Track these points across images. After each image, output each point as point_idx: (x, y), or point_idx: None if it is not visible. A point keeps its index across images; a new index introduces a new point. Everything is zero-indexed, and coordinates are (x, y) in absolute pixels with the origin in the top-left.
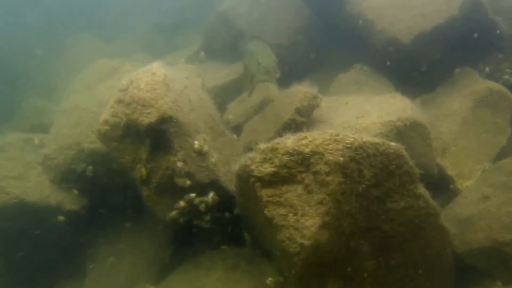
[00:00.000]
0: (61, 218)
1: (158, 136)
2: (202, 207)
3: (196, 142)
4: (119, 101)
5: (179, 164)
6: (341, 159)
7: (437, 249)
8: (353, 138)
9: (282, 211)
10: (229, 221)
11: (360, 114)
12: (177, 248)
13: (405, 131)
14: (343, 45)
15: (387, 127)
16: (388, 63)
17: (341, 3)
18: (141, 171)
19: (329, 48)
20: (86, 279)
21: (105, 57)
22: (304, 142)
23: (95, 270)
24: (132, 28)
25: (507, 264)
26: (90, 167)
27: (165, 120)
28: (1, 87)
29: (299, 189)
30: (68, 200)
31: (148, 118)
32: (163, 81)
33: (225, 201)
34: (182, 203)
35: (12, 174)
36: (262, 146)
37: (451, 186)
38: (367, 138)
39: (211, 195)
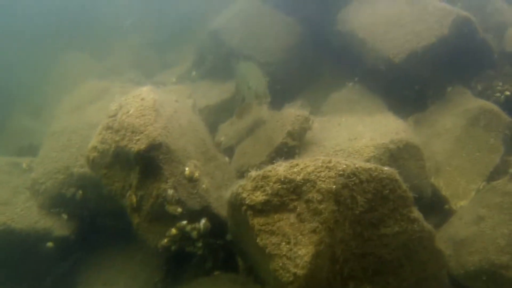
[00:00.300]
0: (49, 244)
1: (148, 163)
2: (194, 234)
3: (186, 169)
4: (108, 127)
5: (170, 191)
6: (334, 186)
7: (433, 271)
8: (346, 164)
9: (274, 240)
10: (221, 247)
11: (353, 135)
12: (169, 273)
13: (398, 154)
14: (335, 63)
15: (380, 150)
16: (381, 82)
17: (332, 21)
18: (131, 198)
19: (321, 66)
20: None
21: (95, 75)
22: (296, 169)
23: None
24: (122, 45)
25: (503, 287)
26: (80, 192)
27: (155, 147)
28: None
29: (292, 217)
30: (57, 226)
31: (137, 145)
32: (153, 106)
33: (217, 227)
34: (173, 231)
35: None
36: (253, 173)
37: (446, 206)
38: (360, 164)
39: (203, 222)
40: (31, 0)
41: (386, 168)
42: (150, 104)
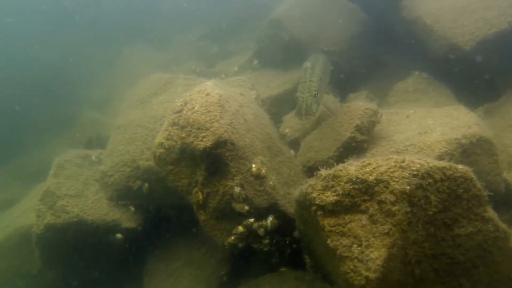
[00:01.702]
0: (118, 235)
1: (214, 160)
2: (261, 231)
3: (253, 165)
4: (174, 124)
5: (237, 189)
6: (408, 187)
7: (507, 273)
8: (420, 164)
9: (345, 241)
10: (288, 244)
11: (423, 129)
12: (235, 266)
13: (471, 149)
14: (400, 51)
15: (452, 145)
16: (449, 70)
17: (398, 8)
18: (198, 195)
19: (385, 54)
20: None
21: (158, 66)
22: (368, 169)
23: (152, 287)
24: (184, 35)
25: None
26: (146, 185)
27: (221, 144)
28: (58, 98)
29: (363, 218)
30: (125, 218)
31: (203, 142)
32: (218, 102)
33: (285, 224)
34: (240, 229)
35: (71, 192)
36: (323, 172)
37: None
38: (434, 162)
39: (270, 219)
40: None
41: (460, 167)
42: (215, 99)
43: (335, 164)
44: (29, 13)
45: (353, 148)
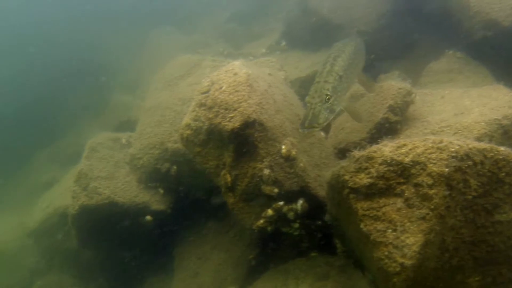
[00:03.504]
0: (148, 218)
1: (243, 141)
2: (291, 215)
3: (283, 147)
4: (201, 105)
5: (266, 171)
6: (446, 170)
7: None
8: (459, 145)
9: (380, 226)
10: (319, 228)
11: (459, 110)
12: (264, 250)
13: None
14: (433, 29)
15: (492, 126)
16: (486, 49)
17: None
18: (226, 177)
19: (417, 33)
20: (174, 279)
21: (186, 49)
22: (403, 150)
23: (182, 269)
24: (210, 18)
25: None
26: (174, 167)
27: (250, 125)
28: (90, 83)
29: (399, 202)
30: (155, 200)
31: (231, 122)
32: (246, 81)
33: (315, 207)
34: (270, 212)
35: (103, 174)
36: (356, 153)
37: None
38: (474, 144)
39: (300, 202)
40: None
41: (502, 148)
42: (243, 79)
43: (368, 146)
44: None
45: (386, 129)
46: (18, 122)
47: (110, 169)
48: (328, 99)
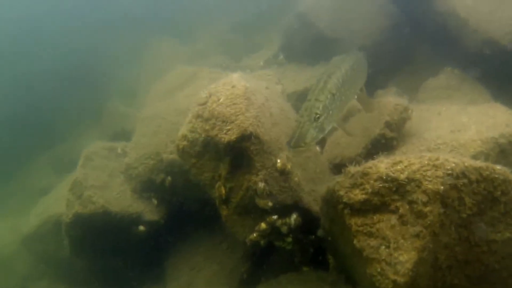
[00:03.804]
0: (141, 228)
1: (239, 154)
2: (284, 229)
3: (278, 161)
4: (198, 116)
5: (261, 184)
6: (442, 187)
7: None
8: (455, 163)
9: (373, 242)
10: (311, 243)
11: (456, 127)
12: (256, 262)
13: (509, 149)
14: (431, 46)
15: (489, 145)
16: (484, 67)
17: (428, 0)
18: (220, 190)
19: (415, 49)
20: None
21: (184, 59)
22: (399, 167)
23: (173, 280)
24: (209, 28)
25: None
26: (169, 178)
27: (246, 138)
28: (88, 91)
29: (393, 219)
30: (148, 210)
31: (228, 135)
32: (244, 94)
33: (309, 222)
34: (263, 225)
35: (97, 183)
36: (352, 169)
37: None
38: (470, 162)
39: (294, 217)
40: None
41: (498, 167)
42: (241, 92)
43: (363, 161)
44: (61, 6)
45: (382, 145)
46: (17, 126)
47: (104, 178)
48: (318, 118)
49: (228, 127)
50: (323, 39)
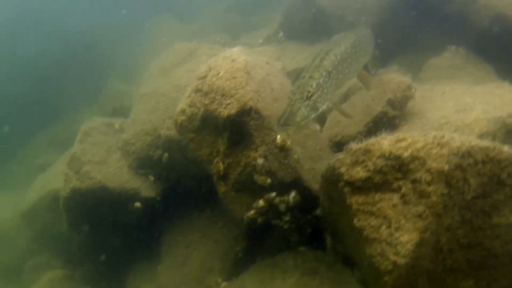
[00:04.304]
0: (137, 204)
1: (238, 129)
2: (282, 207)
3: (278, 137)
4: (197, 90)
5: (260, 160)
6: (446, 166)
7: None
8: (461, 142)
9: (374, 222)
10: (309, 222)
11: (461, 107)
12: (252, 242)
13: None
14: (434, 24)
15: (495, 125)
16: (491, 45)
17: None
18: (219, 165)
19: (418, 27)
20: (160, 265)
21: (183, 38)
22: (403, 144)
23: (168, 257)
24: (208, 7)
25: None
26: (166, 154)
27: (246, 112)
28: (88, 70)
29: (395, 198)
30: (145, 187)
31: (227, 109)
32: (244, 68)
33: (307, 200)
34: (261, 203)
35: (95, 159)
36: (353, 146)
37: None
38: (476, 141)
39: (292, 194)
40: None
41: (506, 148)
42: (241, 66)
43: (364, 140)
44: None
45: (384, 123)
46: (17, 104)
47: (102, 154)
48: (310, 96)
49: (228, 101)
50: (324, 17)
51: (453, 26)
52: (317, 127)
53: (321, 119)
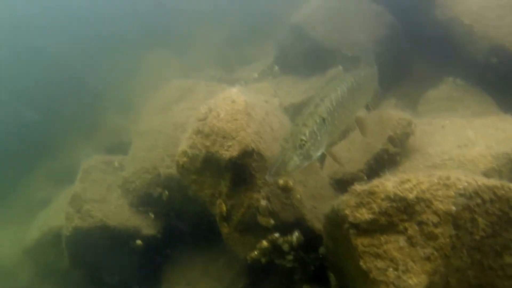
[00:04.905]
0: (138, 242)
1: (240, 170)
2: (285, 247)
3: None
4: (198, 132)
5: (263, 202)
6: (453, 208)
7: None
8: (467, 182)
9: (380, 264)
10: (313, 260)
11: (462, 142)
12: (254, 279)
13: None
14: (431, 55)
15: (501, 160)
16: (489, 76)
17: (430, 7)
18: (221, 207)
19: (415, 59)
20: None
21: (179, 72)
22: (407, 186)
23: None
24: (203, 40)
25: None
26: (166, 192)
27: (248, 154)
28: (84, 104)
29: (401, 240)
30: (145, 224)
31: (229, 151)
32: (244, 109)
33: (310, 239)
34: (264, 243)
35: (96, 197)
36: (358, 188)
37: None
38: (483, 180)
39: (295, 234)
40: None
41: None
42: (241, 107)
43: (365, 177)
44: (58, 21)
45: (385, 161)
46: (15, 138)
47: (102, 192)
48: (303, 145)
49: (229, 143)
50: (319, 50)
51: (450, 57)
52: (318, 164)
53: (321, 157)
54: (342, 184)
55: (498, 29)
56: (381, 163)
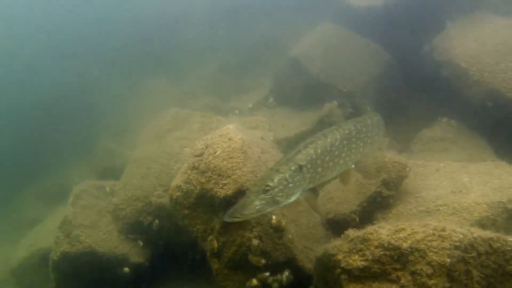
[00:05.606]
0: (126, 269)
1: None
2: (275, 286)
3: (274, 217)
4: (193, 168)
5: (255, 241)
6: (448, 260)
7: None
8: (462, 234)
9: None
10: None
11: (457, 188)
12: None
13: None
14: (426, 95)
15: (496, 210)
16: (484, 119)
17: (425, 49)
18: (213, 243)
19: (409, 98)
20: None
21: (174, 99)
22: (401, 235)
23: None
24: (200, 68)
25: None
26: (156, 221)
27: (242, 193)
28: (77, 126)
29: None
30: (134, 252)
31: (224, 189)
32: (241, 148)
33: (300, 279)
34: (254, 282)
35: (86, 222)
36: (351, 233)
37: None
38: (479, 232)
39: (286, 274)
40: (113, 27)
41: (510, 238)
42: (238, 145)
43: (357, 219)
44: (54, 43)
45: (378, 203)
46: (7, 158)
47: (93, 217)
48: (267, 190)
49: (225, 182)
50: (315, 84)
51: (445, 99)
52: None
53: (312, 196)
54: (334, 224)
55: (493, 74)
56: (374, 205)
